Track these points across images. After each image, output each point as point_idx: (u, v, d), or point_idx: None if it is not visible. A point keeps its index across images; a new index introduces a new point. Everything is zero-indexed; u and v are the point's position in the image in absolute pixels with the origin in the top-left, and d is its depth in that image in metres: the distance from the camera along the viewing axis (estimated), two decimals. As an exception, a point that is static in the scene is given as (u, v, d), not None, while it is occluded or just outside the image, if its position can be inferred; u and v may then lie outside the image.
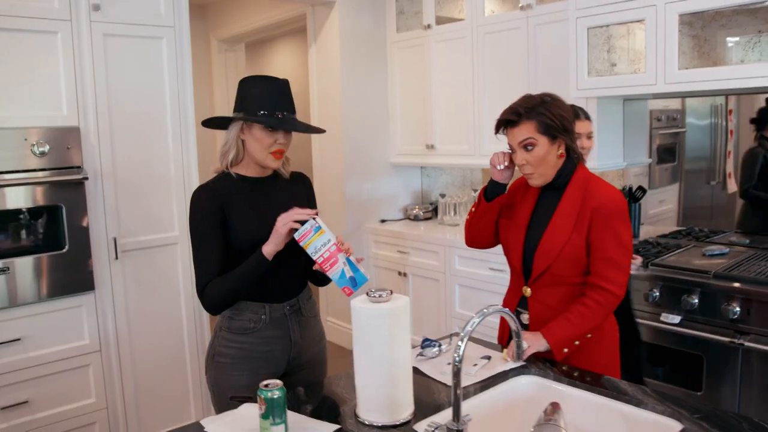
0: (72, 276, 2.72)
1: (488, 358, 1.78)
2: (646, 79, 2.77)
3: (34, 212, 2.63)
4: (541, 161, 1.75)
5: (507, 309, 1.29)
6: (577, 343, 1.75)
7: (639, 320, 2.68)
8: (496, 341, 1.99)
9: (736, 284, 2.47)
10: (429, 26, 4.04)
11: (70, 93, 2.70)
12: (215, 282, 1.76)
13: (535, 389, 1.67)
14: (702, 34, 2.67)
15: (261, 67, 7.50)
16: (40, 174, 2.60)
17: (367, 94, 4.34)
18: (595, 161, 3.26)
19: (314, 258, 1.70)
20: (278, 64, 7.28)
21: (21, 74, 2.60)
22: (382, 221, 4.47)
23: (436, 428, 1.25)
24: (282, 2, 4.39)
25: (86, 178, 2.71)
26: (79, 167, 2.71)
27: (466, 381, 1.63)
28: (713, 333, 2.51)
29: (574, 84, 3.06)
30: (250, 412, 1.51)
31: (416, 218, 4.49)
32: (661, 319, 2.67)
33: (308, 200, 2.00)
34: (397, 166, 4.54)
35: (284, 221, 1.71)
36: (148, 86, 2.93)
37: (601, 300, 1.72)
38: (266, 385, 1.40)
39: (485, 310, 1.28)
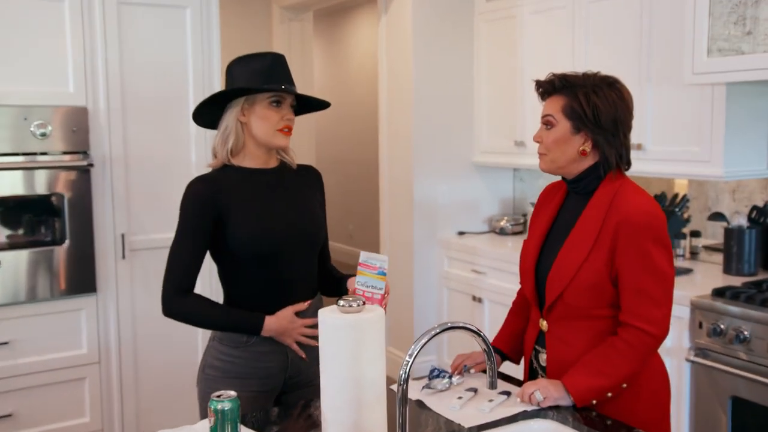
0: (72, 275, 3.09)
1: (508, 394, 1.89)
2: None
3: (32, 201, 3.03)
4: (555, 146, 1.85)
5: (469, 324, 1.42)
6: (609, 395, 1.80)
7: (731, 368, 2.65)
8: (522, 378, 2.09)
9: None
10: (523, -8, 4.15)
11: (78, 68, 3.09)
12: (199, 302, 2.02)
13: (546, 436, 1.76)
14: None
15: (331, 41, 7.85)
16: (39, 158, 2.99)
17: (445, 76, 4.49)
18: (721, 168, 3.22)
19: (355, 286, 1.96)
20: (350, 38, 7.60)
21: (22, 46, 2.99)
22: (461, 233, 4.60)
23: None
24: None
25: (92, 165, 3.08)
26: (85, 152, 3.08)
27: (475, 420, 1.75)
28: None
29: (689, 66, 3.06)
30: (206, 426, 1.72)
31: (502, 232, 4.58)
32: None
33: (321, 198, 2.21)
34: (481, 166, 4.65)
35: (294, 336, 2.07)
36: (169, 63, 3.28)
37: (634, 342, 1.76)
38: (218, 396, 1.61)
39: (449, 324, 1.42)
